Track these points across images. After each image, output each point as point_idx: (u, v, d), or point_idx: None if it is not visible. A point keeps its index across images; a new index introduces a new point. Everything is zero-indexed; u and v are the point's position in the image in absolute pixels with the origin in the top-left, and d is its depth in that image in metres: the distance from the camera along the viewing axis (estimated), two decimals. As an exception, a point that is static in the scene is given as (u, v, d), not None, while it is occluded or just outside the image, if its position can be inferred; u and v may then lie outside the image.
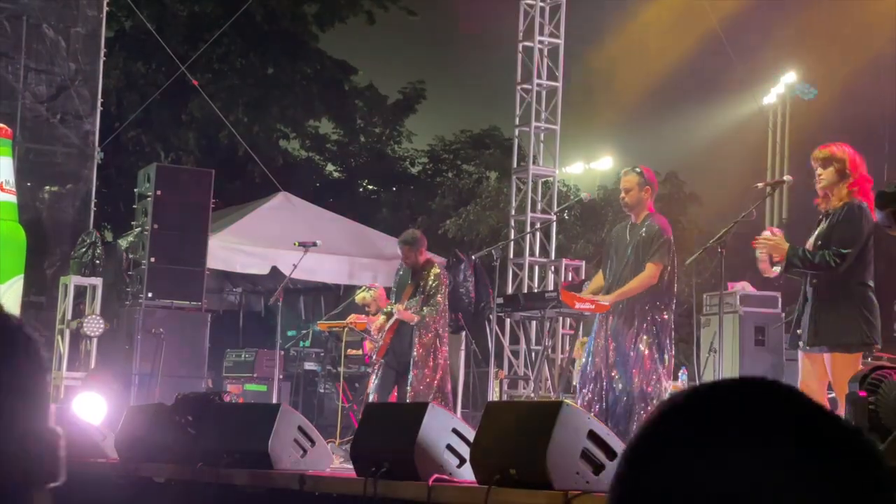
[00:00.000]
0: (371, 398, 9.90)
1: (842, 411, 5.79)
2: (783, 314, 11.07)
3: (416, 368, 9.80)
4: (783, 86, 25.87)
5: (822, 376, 6.80)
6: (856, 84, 22.97)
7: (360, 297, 12.44)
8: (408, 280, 10.09)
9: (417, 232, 10.50)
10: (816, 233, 6.95)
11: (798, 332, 6.93)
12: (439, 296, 9.90)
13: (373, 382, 10.09)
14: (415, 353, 9.81)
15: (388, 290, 11.33)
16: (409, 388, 9.77)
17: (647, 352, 7.82)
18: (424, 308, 9.86)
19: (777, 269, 7.03)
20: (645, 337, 7.85)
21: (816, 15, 23.97)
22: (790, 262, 6.87)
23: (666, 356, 7.89)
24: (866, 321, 6.72)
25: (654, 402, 7.74)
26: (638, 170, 8.14)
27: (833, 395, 6.90)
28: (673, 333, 8.05)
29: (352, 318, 11.57)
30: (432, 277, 9.95)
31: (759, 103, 26.33)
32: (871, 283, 6.81)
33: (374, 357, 10.29)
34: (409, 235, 10.26)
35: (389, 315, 10.02)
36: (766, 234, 7.10)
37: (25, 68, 14.06)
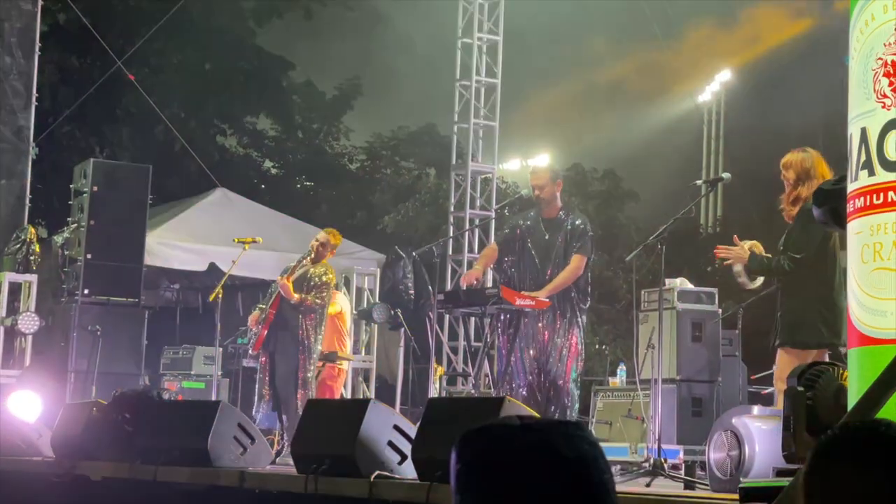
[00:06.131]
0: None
1: (779, 406, 5.85)
2: (720, 310, 11.15)
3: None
4: (718, 83, 26.13)
5: None
6: (789, 84, 23.24)
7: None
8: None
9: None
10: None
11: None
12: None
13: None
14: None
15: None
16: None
17: (575, 341, 8.34)
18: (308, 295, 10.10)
19: (759, 280, 7.25)
20: (575, 327, 8.36)
21: (751, 15, 24.23)
22: (751, 269, 7.06)
23: (582, 343, 8.50)
24: (825, 322, 6.81)
25: (577, 387, 8.42)
26: (546, 165, 8.44)
27: (772, 389, 7.00)
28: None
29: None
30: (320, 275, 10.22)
31: (694, 101, 26.56)
32: (835, 285, 6.87)
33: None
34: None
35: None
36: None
37: (-42, 63, 13.85)
